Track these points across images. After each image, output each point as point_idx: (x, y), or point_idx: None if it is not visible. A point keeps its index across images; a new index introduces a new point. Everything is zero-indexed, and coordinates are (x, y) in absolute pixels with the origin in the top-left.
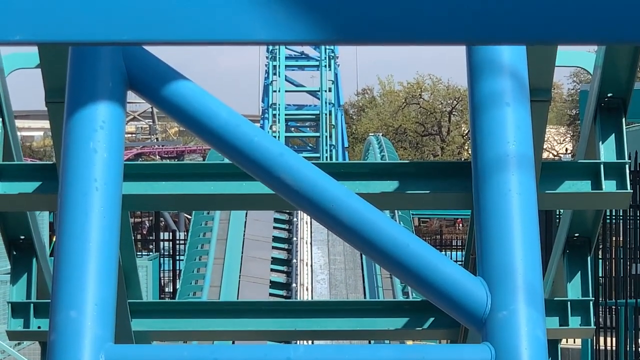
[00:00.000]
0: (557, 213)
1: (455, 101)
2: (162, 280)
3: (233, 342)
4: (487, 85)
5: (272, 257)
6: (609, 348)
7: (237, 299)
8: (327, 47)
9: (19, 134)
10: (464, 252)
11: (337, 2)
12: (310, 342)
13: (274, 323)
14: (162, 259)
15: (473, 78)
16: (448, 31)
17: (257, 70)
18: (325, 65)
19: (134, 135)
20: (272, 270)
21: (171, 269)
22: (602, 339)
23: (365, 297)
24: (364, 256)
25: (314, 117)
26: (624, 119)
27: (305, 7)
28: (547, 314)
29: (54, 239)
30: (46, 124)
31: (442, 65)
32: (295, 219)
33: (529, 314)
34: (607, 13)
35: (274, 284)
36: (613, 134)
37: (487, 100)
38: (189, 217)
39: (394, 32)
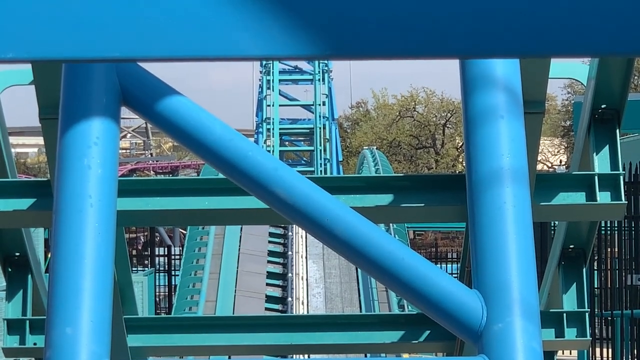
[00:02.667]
0: (552, 225)
1: (449, 114)
2: (158, 296)
3: (229, 357)
4: (481, 98)
5: (267, 272)
6: (605, 359)
7: (233, 313)
8: (321, 61)
9: (13, 150)
10: (459, 265)
11: (330, 17)
12: (306, 356)
13: (270, 337)
14: (157, 274)
15: (467, 91)
16: (441, 45)
17: (251, 85)
18: (319, 79)
19: (128, 151)
20: (267, 284)
21: (167, 284)
22: (598, 350)
23: (361, 311)
24: (359, 270)
25: (308, 131)
26: (617, 130)
27: (298, 22)
28: (542, 325)
29: (49, 256)
30: (40, 140)
31: (436, 77)
32: (290, 233)
33: (525, 326)
34: (600, 25)
35: (269, 298)
36: (607, 145)
37: (481, 113)
38: (184, 232)
39: (387, 47)
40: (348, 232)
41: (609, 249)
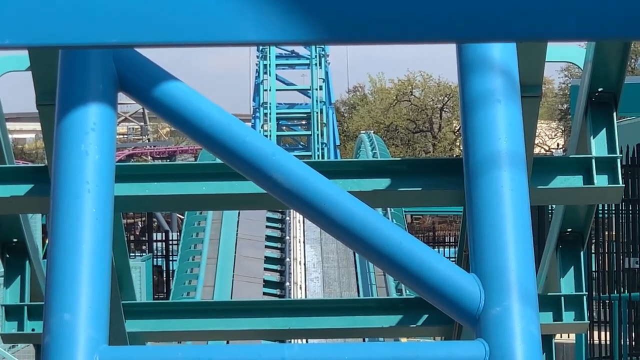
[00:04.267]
0: (550, 208)
1: (446, 97)
2: (156, 282)
3: (227, 342)
4: (477, 83)
5: (265, 256)
6: (603, 342)
7: (231, 298)
8: (318, 45)
9: (10, 136)
10: (456, 249)
11: (327, 2)
12: (304, 340)
13: (268, 322)
14: (155, 259)
15: (463, 75)
16: (438, 29)
17: (247, 69)
18: (316, 64)
19: (125, 136)
20: (265, 269)
21: (164, 269)
22: (596, 334)
23: (358, 295)
24: (356, 254)
25: (305, 115)
26: (615, 113)
27: (295, 7)
28: (540, 309)
29: (47, 242)
30: (37, 126)
31: (432, 61)
32: (288, 218)
33: (523, 310)
34: (596, 9)
35: (267, 283)
36: (604, 129)
37: (478, 97)
38: (181, 217)
39: (384, 31)
40: (345, 216)
41: (606, 232)
